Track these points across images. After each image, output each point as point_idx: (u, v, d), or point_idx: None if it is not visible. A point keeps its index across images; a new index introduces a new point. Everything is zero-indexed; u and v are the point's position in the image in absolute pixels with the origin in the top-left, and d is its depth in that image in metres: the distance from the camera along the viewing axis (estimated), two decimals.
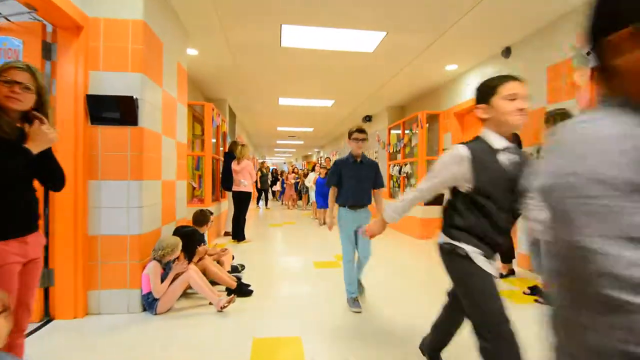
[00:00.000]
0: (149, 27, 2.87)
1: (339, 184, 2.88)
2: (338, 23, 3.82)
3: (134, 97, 2.69)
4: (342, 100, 7.53)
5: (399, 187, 7.44)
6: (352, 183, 2.82)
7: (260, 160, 16.96)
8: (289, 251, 5.23)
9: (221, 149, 6.87)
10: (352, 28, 3.93)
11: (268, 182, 12.35)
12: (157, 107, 3.09)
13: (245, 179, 5.61)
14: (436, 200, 6.06)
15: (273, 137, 14.58)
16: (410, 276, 3.85)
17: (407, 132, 7.02)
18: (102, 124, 2.69)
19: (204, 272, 3.15)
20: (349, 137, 2.88)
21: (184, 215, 3.96)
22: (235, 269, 3.80)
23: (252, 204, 14.20)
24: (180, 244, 2.77)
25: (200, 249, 3.14)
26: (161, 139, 3.21)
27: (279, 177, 14.77)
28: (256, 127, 11.73)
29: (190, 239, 3.03)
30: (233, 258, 4.44)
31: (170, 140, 3.49)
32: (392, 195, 7.83)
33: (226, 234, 6.34)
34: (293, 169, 12.05)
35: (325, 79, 5.95)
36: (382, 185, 2.96)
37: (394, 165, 7.48)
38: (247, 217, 5.92)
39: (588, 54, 0.59)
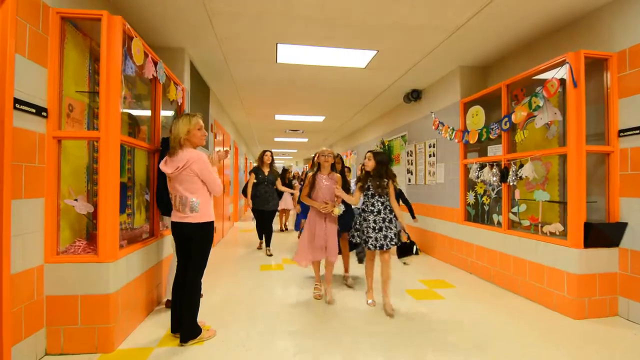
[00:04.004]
0: None
1: None
2: None
3: None
4: (390, 50, 4.24)
5: (498, 209, 4.09)
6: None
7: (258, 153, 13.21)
8: None
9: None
10: None
11: (274, 196, 5.73)
12: None
13: (195, 194, 2.35)
14: (610, 240, 2.84)
15: (270, 131, 11.20)
16: None
17: (517, 104, 3.78)
18: None
19: None
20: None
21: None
22: None
23: (246, 233, 8.20)
24: None
25: None
26: None
27: (294, 181, 8.52)
28: (246, 114, 8.37)
29: None
30: None
31: None
32: (480, 220, 4.49)
33: (168, 303, 3.08)
34: (335, 158, 3.57)
35: None
36: None
37: (481, 166, 4.18)
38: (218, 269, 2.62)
39: None
